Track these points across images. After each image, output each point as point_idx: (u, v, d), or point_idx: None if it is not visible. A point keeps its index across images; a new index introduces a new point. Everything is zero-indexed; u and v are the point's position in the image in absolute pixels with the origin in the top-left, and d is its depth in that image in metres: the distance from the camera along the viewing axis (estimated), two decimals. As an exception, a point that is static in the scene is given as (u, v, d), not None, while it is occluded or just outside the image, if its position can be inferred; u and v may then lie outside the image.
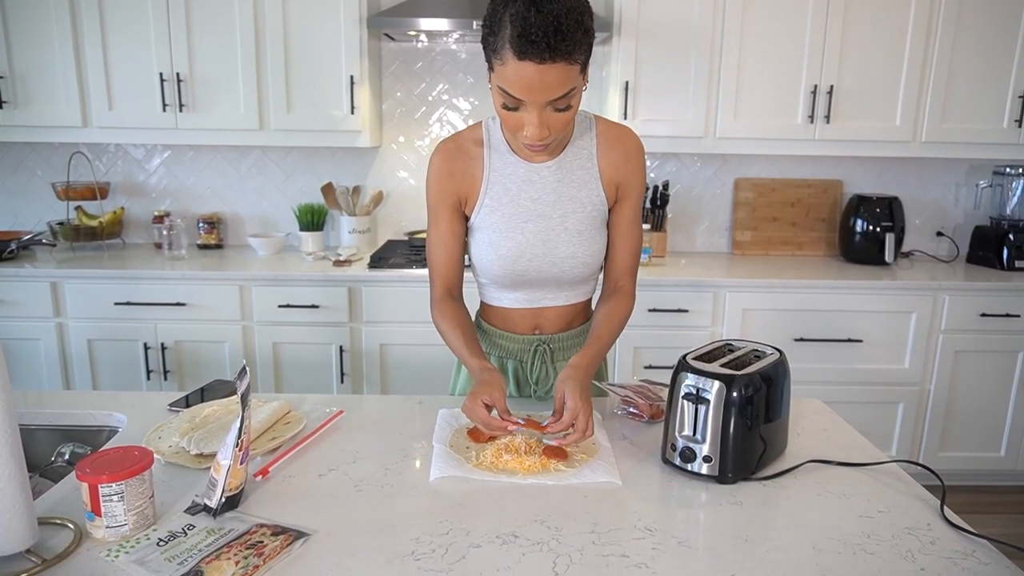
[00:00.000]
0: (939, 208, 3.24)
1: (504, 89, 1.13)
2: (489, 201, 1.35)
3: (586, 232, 1.35)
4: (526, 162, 1.34)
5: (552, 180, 1.34)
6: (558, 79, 1.10)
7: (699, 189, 3.21)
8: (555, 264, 1.36)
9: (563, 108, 1.16)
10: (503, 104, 1.17)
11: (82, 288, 2.67)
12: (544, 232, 1.34)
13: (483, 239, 1.37)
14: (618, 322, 1.37)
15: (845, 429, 1.35)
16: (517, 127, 1.18)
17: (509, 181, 1.34)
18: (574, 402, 1.16)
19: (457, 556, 0.92)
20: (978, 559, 0.93)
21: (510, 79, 1.11)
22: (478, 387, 1.20)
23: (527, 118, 1.15)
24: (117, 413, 1.38)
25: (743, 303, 2.68)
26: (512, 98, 1.14)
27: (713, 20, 2.71)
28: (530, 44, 1.06)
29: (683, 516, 1.04)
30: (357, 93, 2.77)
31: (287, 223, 3.22)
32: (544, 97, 1.12)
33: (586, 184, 1.35)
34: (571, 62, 1.10)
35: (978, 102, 2.79)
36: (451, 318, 1.36)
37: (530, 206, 1.34)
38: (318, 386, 2.74)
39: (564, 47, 1.07)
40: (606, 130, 1.37)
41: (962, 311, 2.70)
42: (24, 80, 2.75)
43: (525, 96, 1.12)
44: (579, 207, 1.34)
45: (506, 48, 1.09)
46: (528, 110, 1.14)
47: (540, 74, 1.08)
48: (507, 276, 1.38)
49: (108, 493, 0.92)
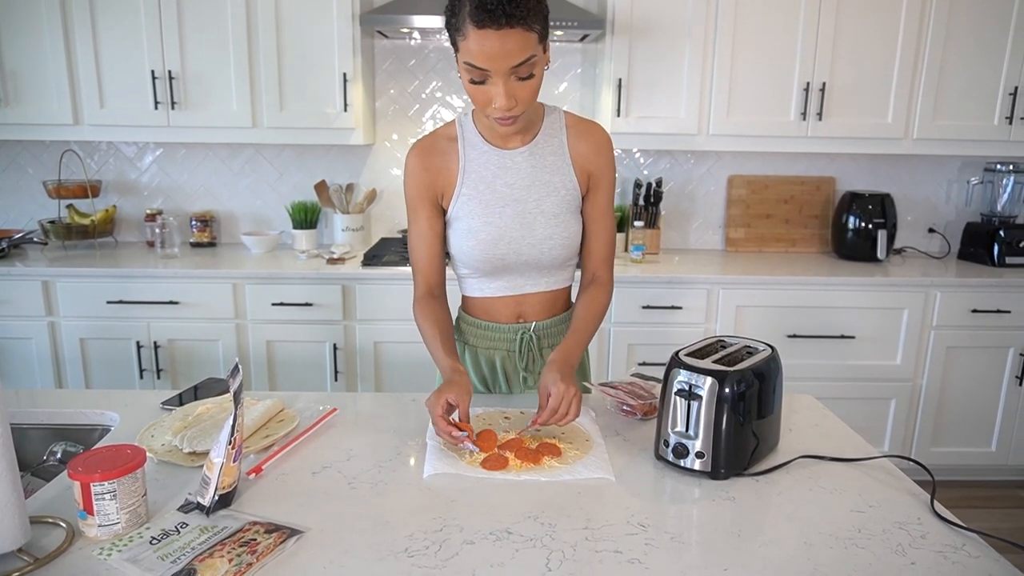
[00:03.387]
0: (931, 205, 3.26)
1: (469, 63, 1.19)
2: (466, 191, 1.39)
3: (561, 215, 1.40)
4: (500, 150, 1.39)
5: (526, 166, 1.39)
6: (517, 45, 1.17)
7: (692, 186, 3.22)
8: (533, 246, 1.40)
9: (526, 76, 1.21)
10: (471, 80, 1.22)
11: (74, 287, 2.66)
12: (521, 215, 1.39)
13: (462, 227, 1.40)
14: (596, 312, 1.42)
15: (837, 425, 1.36)
16: (486, 102, 1.24)
17: (484, 169, 1.39)
18: (558, 389, 1.20)
19: (451, 552, 0.92)
20: (968, 552, 0.94)
21: (473, 51, 1.17)
22: (445, 386, 1.23)
23: (494, 90, 1.21)
24: (110, 412, 1.38)
25: (736, 300, 2.69)
26: (477, 70, 1.19)
27: (706, 18, 2.71)
28: (487, 13, 1.14)
29: (676, 512, 1.04)
30: (350, 90, 2.77)
31: (280, 221, 3.21)
32: (506, 63, 1.17)
33: (559, 170, 1.40)
34: (527, 28, 1.17)
35: (969, 99, 2.81)
36: (430, 316, 1.41)
37: (506, 191, 1.38)
38: (312, 384, 2.73)
39: (519, 12, 1.15)
40: (576, 123, 1.43)
41: (953, 307, 2.72)
42: (15, 77, 2.73)
43: (488, 64, 1.18)
44: (553, 191, 1.39)
45: (466, 22, 1.16)
46: (494, 81, 1.20)
47: (500, 40, 1.15)
48: (488, 262, 1.40)
49: (100, 492, 0.92)
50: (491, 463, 1.15)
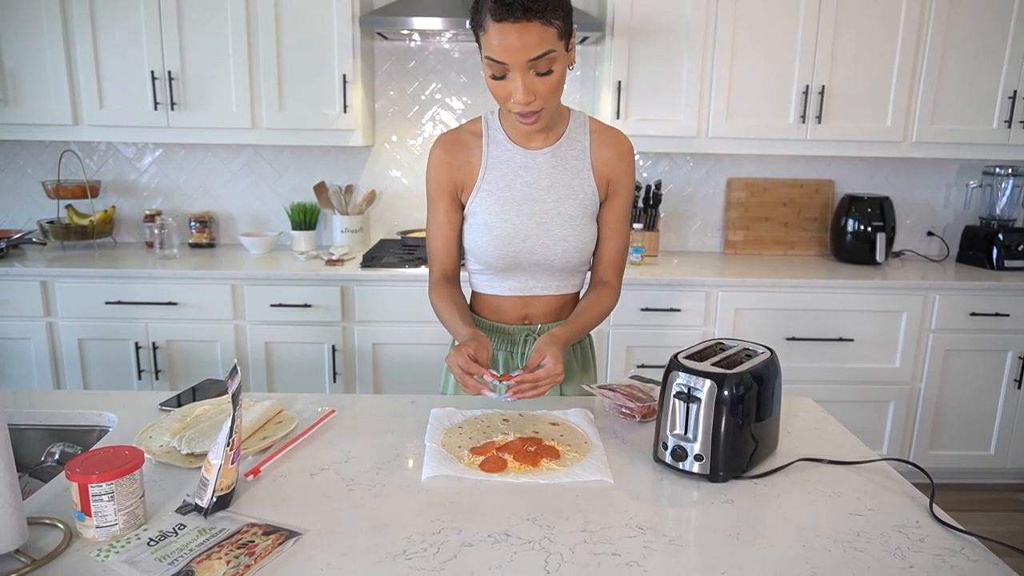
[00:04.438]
0: (929, 208, 3.26)
1: (489, 57, 1.22)
2: (486, 186, 1.40)
3: (578, 218, 1.41)
4: (523, 149, 1.40)
5: (547, 166, 1.40)
6: (535, 39, 1.19)
7: (691, 189, 3.22)
8: (548, 246, 1.41)
9: (545, 72, 1.23)
10: (491, 75, 1.25)
11: (73, 287, 2.65)
12: (538, 215, 1.40)
13: (479, 222, 1.42)
14: (600, 311, 1.44)
15: (835, 427, 1.36)
16: (506, 96, 1.26)
17: (506, 167, 1.40)
18: (553, 365, 1.22)
19: (449, 555, 0.92)
20: (966, 556, 0.94)
21: (492, 45, 1.20)
22: (463, 344, 1.26)
23: (512, 85, 1.23)
24: (108, 412, 1.38)
25: (735, 302, 2.69)
26: (497, 64, 1.22)
27: (705, 21, 2.72)
28: (505, 7, 1.17)
29: (674, 514, 1.04)
30: (350, 92, 2.77)
31: (279, 222, 3.21)
32: (523, 56, 1.19)
33: (579, 173, 1.41)
34: (545, 22, 1.19)
35: (968, 103, 2.81)
36: (446, 296, 1.43)
37: (525, 190, 1.40)
38: (310, 385, 2.73)
39: (537, 6, 1.17)
40: (600, 129, 1.44)
41: (952, 310, 2.72)
42: (14, 78, 2.73)
43: (506, 58, 1.20)
44: (572, 193, 1.41)
45: (487, 17, 1.20)
46: (512, 75, 1.22)
47: (518, 33, 1.18)
48: (501, 258, 1.42)
49: (98, 493, 0.92)
50: (490, 465, 1.15)
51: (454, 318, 1.38)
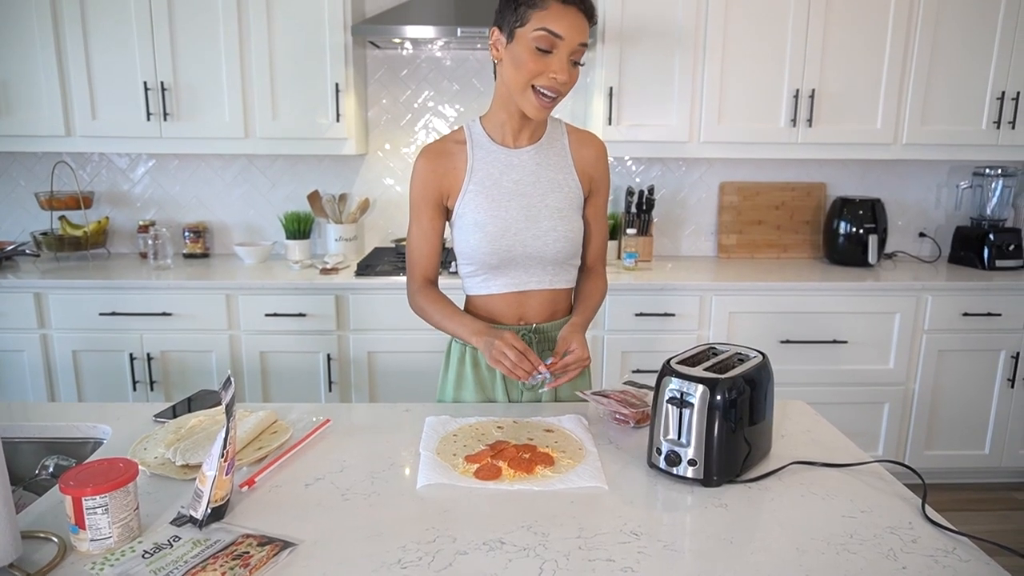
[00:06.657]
0: (921, 209, 3.28)
1: (546, 28, 1.29)
2: (473, 187, 1.45)
3: (565, 211, 1.47)
4: (507, 149, 1.46)
5: (532, 163, 1.46)
6: (586, 30, 1.33)
7: (684, 193, 3.23)
8: (538, 237, 1.45)
9: (578, 62, 1.35)
10: (538, 47, 1.30)
11: (66, 299, 2.65)
12: (527, 208, 1.45)
13: (468, 222, 1.45)
14: (600, 295, 1.58)
15: (828, 430, 1.36)
16: (543, 68, 1.32)
17: (492, 167, 1.46)
18: (582, 351, 1.35)
19: (444, 563, 0.92)
20: (958, 556, 0.94)
21: (554, 18, 1.29)
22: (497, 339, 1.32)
23: (555, 63, 1.31)
24: (102, 424, 1.37)
25: (729, 306, 2.70)
26: (552, 37, 1.30)
27: (696, 26, 2.73)
28: None
29: (669, 519, 1.04)
30: (342, 101, 2.77)
31: (273, 231, 3.21)
32: (577, 38, 1.31)
33: (562, 169, 1.49)
34: (590, 24, 1.34)
35: (957, 104, 2.83)
36: (436, 298, 1.49)
37: (512, 187, 1.45)
38: (306, 395, 2.73)
39: (591, 9, 1.34)
40: (575, 131, 1.54)
41: (945, 311, 2.74)
42: (6, 88, 2.73)
43: (567, 33, 1.29)
44: (557, 187, 1.47)
45: None
46: (559, 52, 1.31)
47: (577, 19, 1.31)
48: (494, 254, 1.44)
49: (92, 506, 0.92)
50: (484, 473, 1.15)
51: (453, 312, 1.45)
